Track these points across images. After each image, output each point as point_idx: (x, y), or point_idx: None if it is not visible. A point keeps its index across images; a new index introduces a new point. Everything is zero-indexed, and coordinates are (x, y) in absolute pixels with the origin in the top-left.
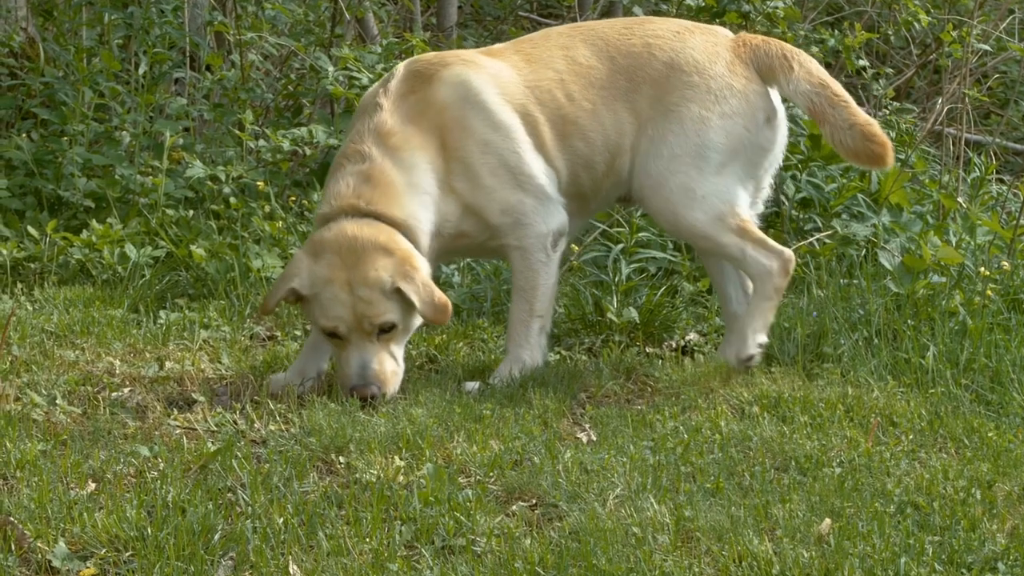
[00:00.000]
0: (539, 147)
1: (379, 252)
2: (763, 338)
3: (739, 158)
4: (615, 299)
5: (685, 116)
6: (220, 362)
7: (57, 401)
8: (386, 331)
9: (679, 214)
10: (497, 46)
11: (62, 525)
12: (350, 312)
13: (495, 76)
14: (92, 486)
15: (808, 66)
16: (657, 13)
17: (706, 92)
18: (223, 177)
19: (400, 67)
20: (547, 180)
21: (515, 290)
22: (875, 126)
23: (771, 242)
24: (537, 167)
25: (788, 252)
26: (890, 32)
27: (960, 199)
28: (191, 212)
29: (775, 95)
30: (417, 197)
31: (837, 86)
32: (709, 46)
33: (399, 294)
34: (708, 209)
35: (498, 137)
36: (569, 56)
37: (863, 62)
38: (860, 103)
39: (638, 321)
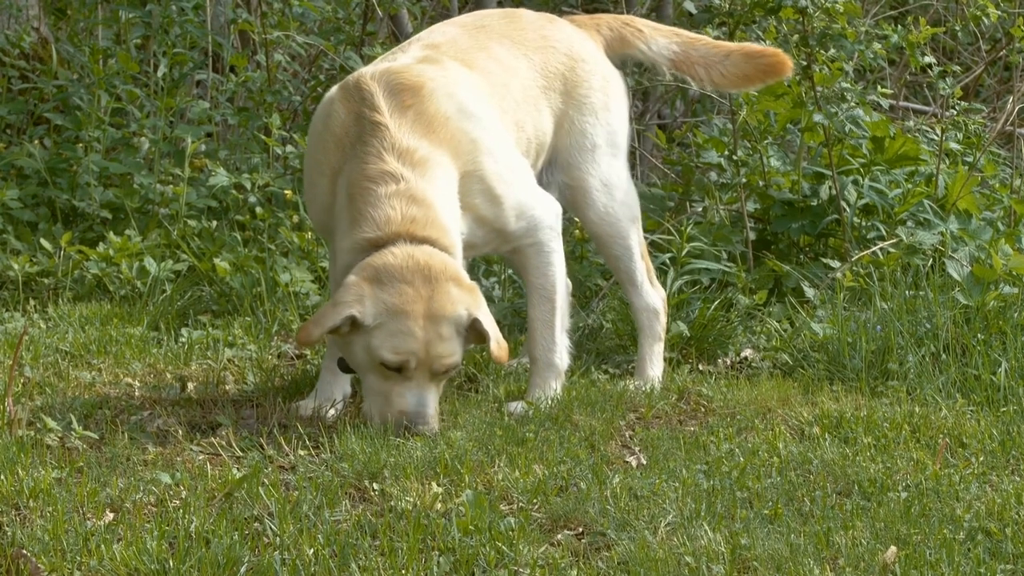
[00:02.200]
0: None
1: (451, 283)
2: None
3: (626, 140)
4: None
5: (597, 105)
6: (246, 383)
7: (72, 426)
8: (446, 373)
9: (608, 208)
10: (416, 51)
11: (78, 558)
12: (423, 348)
13: (468, 84)
14: (110, 516)
15: (651, 24)
16: (708, 8)
17: (602, 78)
18: (248, 185)
19: (368, 82)
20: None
21: (533, 290)
22: (751, 44)
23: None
24: (524, 160)
25: (662, 291)
26: (957, 27)
27: None
28: (214, 223)
29: None
30: (451, 216)
31: (685, 31)
32: (577, 31)
33: (466, 331)
34: (628, 206)
35: (498, 144)
36: (493, 57)
37: (928, 59)
38: (926, 103)
39: (690, 336)
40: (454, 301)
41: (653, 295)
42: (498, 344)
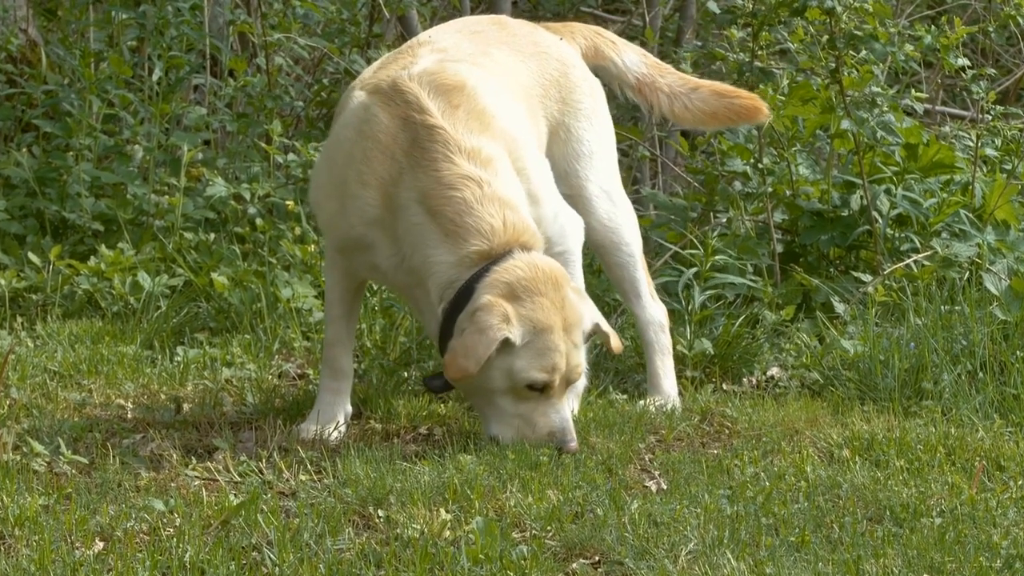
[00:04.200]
0: None
1: (569, 288)
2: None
3: (615, 146)
4: (688, 330)
5: (590, 112)
6: (244, 404)
7: (61, 450)
8: (575, 382)
9: (611, 214)
10: (430, 54)
11: None
12: (564, 361)
13: (495, 85)
14: (100, 545)
15: (622, 39)
16: (730, 9)
17: (590, 84)
18: (248, 196)
19: (409, 84)
20: None
21: None
22: (722, 84)
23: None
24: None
25: (662, 305)
26: (990, 28)
27: None
28: (212, 235)
29: None
30: (529, 214)
31: (652, 56)
32: (558, 39)
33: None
34: (629, 213)
35: (533, 144)
36: (497, 62)
37: (962, 61)
38: (965, 107)
39: (714, 354)
40: (578, 307)
41: (656, 308)
42: (616, 339)
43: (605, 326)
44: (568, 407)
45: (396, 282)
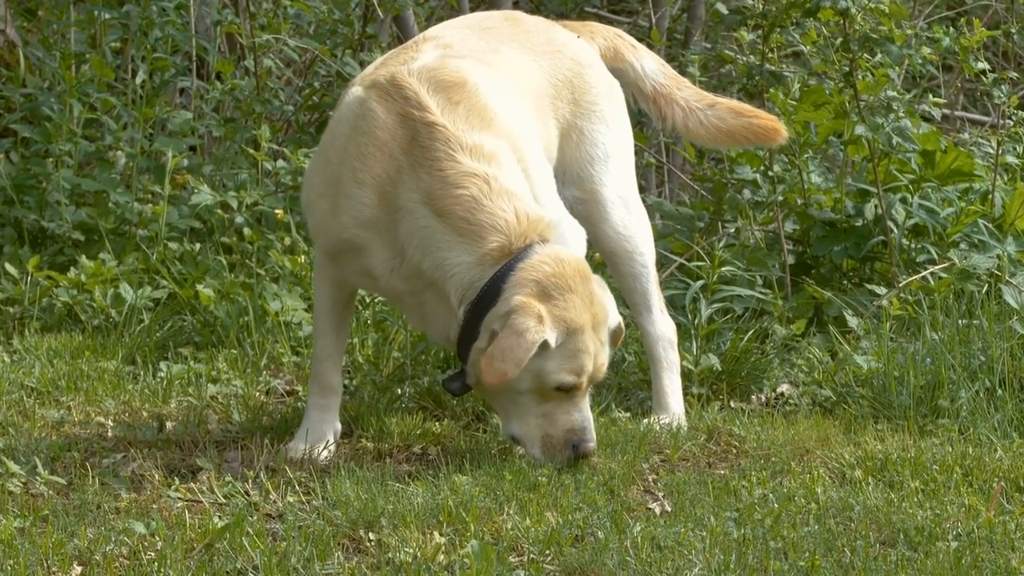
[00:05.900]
0: None
1: (594, 282)
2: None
3: (633, 152)
4: (694, 344)
5: (606, 113)
6: (230, 422)
7: (38, 469)
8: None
9: (627, 221)
10: (434, 50)
11: None
12: (592, 362)
13: (500, 83)
14: (78, 570)
15: (642, 45)
16: (739, 10)
17: (607, 85)
18: (235, 204)
19: (407, 80)
20: None
21: None
22: (741, 103)
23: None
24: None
25: (672, 322)
26: (1012, 30)
27: None
28: (197, 246)
29: None
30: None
31: (671, 68)
32: (577, 37)
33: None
34: (644, 222)
35: (537, 146)
36: (507, 60)
37: (982, 65)
38: (986, 113)
39: (721, 370)
40: (605, 304)
41: (666, 323)
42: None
43: (622, 334)
44: (588, 403)
45: (390, 288)
